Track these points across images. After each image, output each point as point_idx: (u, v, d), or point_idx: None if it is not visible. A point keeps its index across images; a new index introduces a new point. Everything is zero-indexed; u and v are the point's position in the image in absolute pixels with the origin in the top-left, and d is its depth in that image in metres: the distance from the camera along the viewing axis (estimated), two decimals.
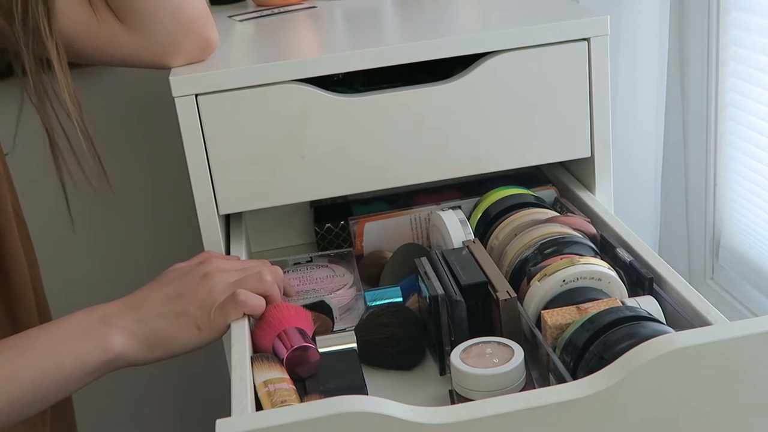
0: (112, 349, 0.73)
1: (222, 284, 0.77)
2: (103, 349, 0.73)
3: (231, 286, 0.77)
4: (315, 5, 1.17)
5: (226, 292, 0.76)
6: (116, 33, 0.87)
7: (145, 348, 0.75)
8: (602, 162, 0.97)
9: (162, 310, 0.76)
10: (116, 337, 0.74)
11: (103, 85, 1.34)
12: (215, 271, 0.78)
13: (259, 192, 0.92)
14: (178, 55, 0.89)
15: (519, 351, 0.69)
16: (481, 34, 0.91)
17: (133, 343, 0.74)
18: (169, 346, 0.75)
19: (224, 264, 0.80)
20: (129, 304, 0.76)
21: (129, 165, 1.39)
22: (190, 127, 0.88)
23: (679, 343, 0.56)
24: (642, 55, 1.33)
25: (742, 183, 1.36)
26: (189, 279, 0.78)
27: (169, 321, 0.75)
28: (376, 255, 0.99)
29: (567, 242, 0.81)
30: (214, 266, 0.79)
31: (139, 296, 0.78)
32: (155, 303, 0.76)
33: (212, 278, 0.77)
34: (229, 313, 0.75)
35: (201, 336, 0.75)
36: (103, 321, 0.75)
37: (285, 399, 0.69)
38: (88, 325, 0.74)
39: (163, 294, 0.77)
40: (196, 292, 0.76)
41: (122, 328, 0.74)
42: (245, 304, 0.76)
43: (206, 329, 0.75)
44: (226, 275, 0.78)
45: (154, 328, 0.75)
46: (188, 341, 0.76)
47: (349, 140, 0.92)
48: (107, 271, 1.45)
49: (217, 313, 0.75)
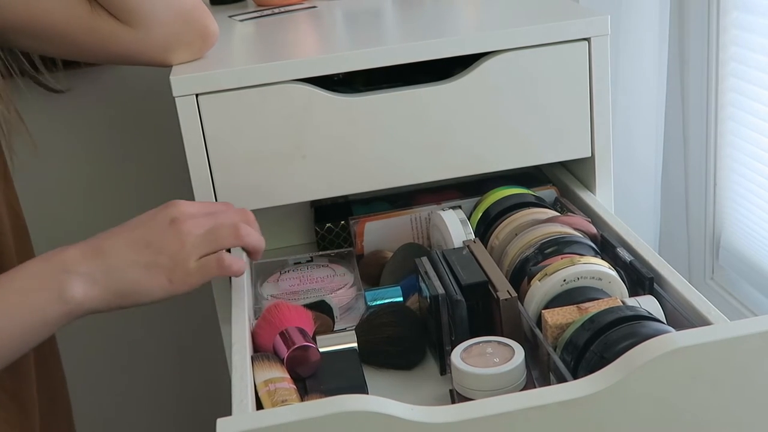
0: (72, 299, 0.70)
1: (194, 236, 0.74)
2: (63, 300, 0.70)
3: (205, 240, 0.74)
4: (315, 5, 1.17)
5: (201, 246, 0.74)
6: (115, 30, 0.86)
7: (110, 297, 0.72)
8: (602, 162, 0.97)
9: (130, 258, 0.72)
10: (77, 286, 0.70)
11: (103, 85, 1.34)
12: (183, 217, 0.75)
13: (259, 192, 0.92)
14: (179, 48, 0.89)
15: (519, 350, 0.69)
16: (481, 34, 0.91)
17: (96, 292, 0.71)
18: (137, 296, 0.73)
19: (190, 208, 0.77)
20: (91, 250, 0.72)
21: (129, 165, 1.39)
22: (190, 127, 0.88)
23: (679, 343, 0.56)
24: (642, 55, 1.33)
25: (742, 183, 1.36)
26: (155, 225, 0.74)
27: (139, 271, 0.72)
28: (377, 255, 0.99)
29: (567, 242, 0.81)
30: (180, 211, 0.75)
31: (101, 241, 0.73)
32: (121, 250, 0.72)
33: (182, 226, 0.74)
34: (210, 273, 0.74)
35: (172, 288, 0.73)
36: (63, 269, 0.71)
37: (285, 398, 0.69)
38: (46, 275, 0.71)
39: (128, 239, 0.73)
40: (166, 241, 0.73)
41: (85, 275, 0.71)
42: (230, 268, 0.74)
43: (179, 282, 0.73)
44: (195, 223, 0.75)
45: (122, 277, 0.71)
46: (157, 292, 0.73)
47: (349, 140, 0.92)
48: None
49: (195, 270, 0.73)
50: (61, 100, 1.33)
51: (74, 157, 1.37)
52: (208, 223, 0.76)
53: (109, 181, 1.40)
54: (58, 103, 1.33)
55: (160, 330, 1.50)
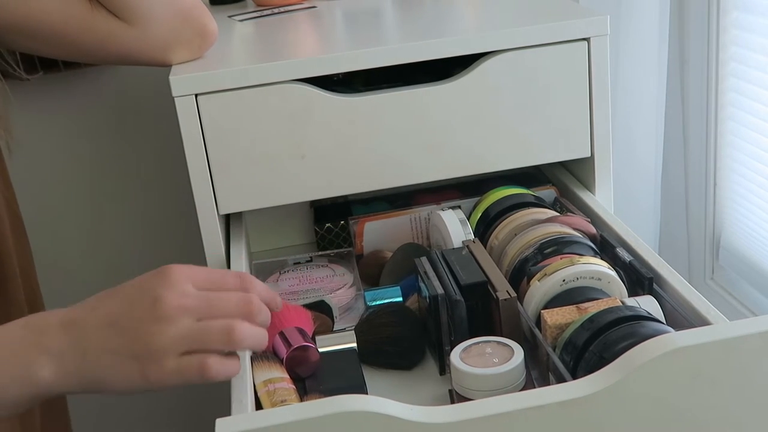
0: (41, 381, 0.61)
1: (177, 328, 0.61)
2: (31, 382, 0.61)
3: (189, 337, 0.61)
4: (315, 5, 1.17)
5: (184, 342, 0.61)
6: (114, 29, 0.86)
7: (80, 383, 0.62)
8: (602, 162, 0.97)
9: (103, 344, 0.62)
10: (46, 368, 0.61)
11: (103, 85, 1.34)
12: (172, 297, 0.62)
13: (259, 192, 0.92)
14: (178, 47, 0.89)
15: (519, 351, 0.69)
16: (481, 34, 0.91)
17: (65, 377, 0.62)
18: (108, 386, 0.63)
19: (184, 284, 0.63)
20: (70, 323, 0.63)
21: (129, 165, 1.39)
22: (190, 127, 0.88)
23: (679, 343, 0.56)
24: (642, 55, 1.33)
25: (742, 183, 1.36)
26: (138, 303, 0.62)
27: (111, 359, 0.61)
28: (376, 255, 0.99)
29: (567, 242, 0.81)
30: (170, 286, 0.62)
31: (83, 313, 0.64)
32: (97, 331, 0.62)
33: (166, 311, 0.61)
34: (189, 378, 0.62)
35: (146, 384, 0.62)
36: (37, 342, 0.62)
37: (285, 398, 0.69)
38: (20, 347, 0.62)
39: (106, 318, 0.62)
40: (144, 327, 0.61)
41: (57, 356, 0.62)
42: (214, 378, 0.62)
43: (155, 380, 0.61)
44: (184, 308, 0.62)
45: (94, 364, 0.62)
46: (128, 387, 0.62)
47: (349, 140, 0.92)
48: (106, 271, 1.45)
49: (172, 370, 0.61)
50: (61, 100, 1.34)
51: (74, 157, 1.37)
52: (200, 310, 0.62)
53: (108, 182, 1.40)
54: (58, 102, 1.33)
55: None
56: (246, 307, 0.64)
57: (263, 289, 0.68)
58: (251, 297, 0.65)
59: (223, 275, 0.67)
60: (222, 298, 0.64)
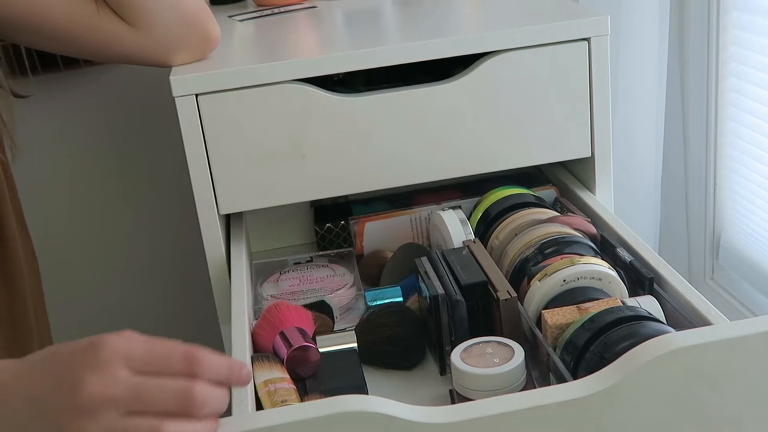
0: None
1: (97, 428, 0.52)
2: None
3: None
4: (315, 5, 1.17)
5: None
6: (118, 30, 0.87)
7: None
8: (602, 162, 0.97)
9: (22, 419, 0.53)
10: None
11: (103, 85, 1.34)
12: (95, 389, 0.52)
13: (259, 192, 0.92)
14: (181, 50, 0.89)
15: (519, 351, 0.69)
16: (481, 34, 0.91)
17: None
18: None
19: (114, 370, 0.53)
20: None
21: (129, 165, 1.39)
22: (190, 127, 0.88)
23: (679, 343, 0.56)
24: (642, 55, 1.33)
25: (742, 183, 1.36)
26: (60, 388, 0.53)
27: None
28: (376, 255, 0.99)
29: (567, 242, 0.81)
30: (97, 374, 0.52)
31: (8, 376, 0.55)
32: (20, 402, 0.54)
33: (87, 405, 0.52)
34: None
35: None
36: None
37: (285, 399, 0.69)
38: None
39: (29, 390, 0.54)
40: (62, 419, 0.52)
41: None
42: None
43: None
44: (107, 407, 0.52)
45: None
46: None
47: (349, 140, 0.92)
48: (106, 271, 1.45)
49: None
50: (61, 100, 1.33)
51: (74, 156, 1.37)
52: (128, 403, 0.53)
53: (108, 181, 1.40)
54: (58, 102, 1.33)
55: (160, 330, 1.49)
56: (184, 402, 0.53)
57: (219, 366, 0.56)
58: (193, 388, 0.54)
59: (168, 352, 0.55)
60: (157, 388, 0.53)
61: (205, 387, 0.54)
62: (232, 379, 0.57)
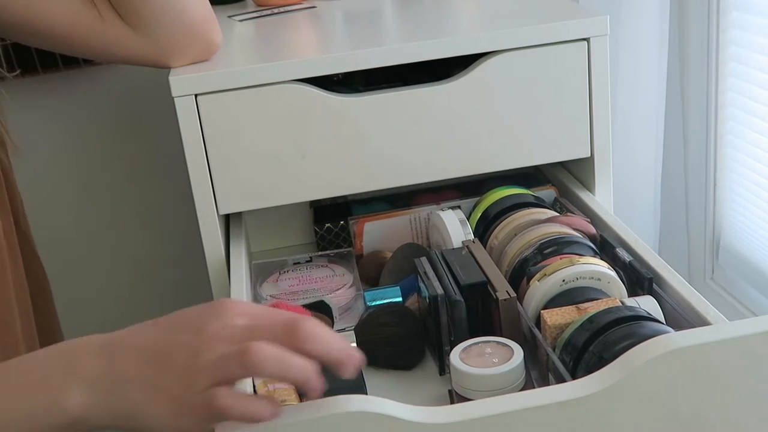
0: (72, 410, 0.56)
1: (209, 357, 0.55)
2: (62, 410, 0.56)
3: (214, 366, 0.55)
4: (315, 5, 1.17)
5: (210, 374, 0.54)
6: (121, 34, 0.87)
7: (106, 413, 0.57)
8: (602, 162, 0.97)
9: (137, 373, 0.57)
10: (77, 395, 0.56)
11: (103, 85, 1.34)
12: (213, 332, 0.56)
13: (259, 192, 0.92)
14: (182, 56, 0.90)
15: (518, 351, 0.69)
16: (481, 34, 0.91)
17: (96, 407, 0.57)
18: (139, 421, 0.57)
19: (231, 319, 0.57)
20: (108, 349, 0.58)
21: (129, 164, 1.39)
22: (189, 127, 0.88)
23: (678, 343, 0.56)
24: (642, 55, 1.33)
25: (742, 183, 1.36)
26: (179, 334, 0.57)
27: (142, 391, 0.56)
28: (376, 255, 0.99)
29: (567, 242, 0.81)
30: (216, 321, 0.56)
31: (121, 335, 0.59)
32: (132, 354, 0.57)
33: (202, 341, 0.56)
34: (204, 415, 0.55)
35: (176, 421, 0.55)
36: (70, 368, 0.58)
37: (285, 399, 0.69)
38: (51, 372, 0.58)
39: (144, 342, 0.58)
40: (178, 355, 0.56)
41: (88, 384, 0.57)
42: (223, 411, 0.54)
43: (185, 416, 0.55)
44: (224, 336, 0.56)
45: (124, 394, 0.56)
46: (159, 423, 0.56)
47: (349, 140, 0.92)
48: (105, 271, 1.45)
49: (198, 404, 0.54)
50: (61, 100, 1.34)
51: (73, 156, 1.37)
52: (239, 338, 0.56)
53: (108, 181, 1.40)
54: (58, 102, 1.33)
55: None
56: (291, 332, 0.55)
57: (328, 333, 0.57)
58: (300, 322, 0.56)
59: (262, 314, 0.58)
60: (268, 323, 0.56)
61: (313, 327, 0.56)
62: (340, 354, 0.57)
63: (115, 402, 0.56)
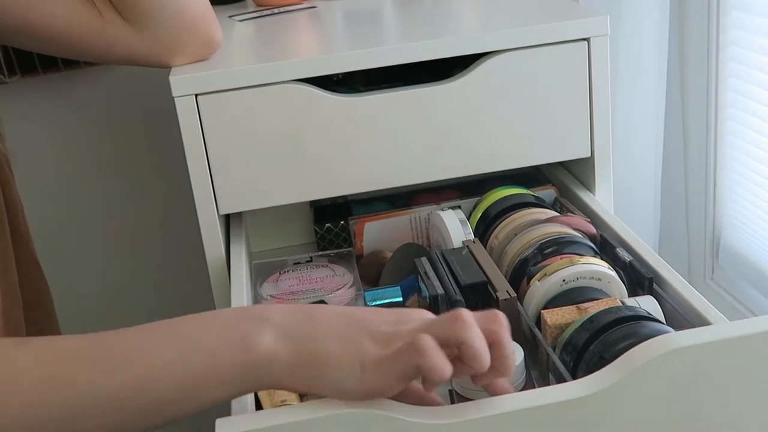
0: (256, 345, 0.56)
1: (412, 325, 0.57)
2: (246, 346, 0.56)
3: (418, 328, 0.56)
4: (315, 5, 1.17)
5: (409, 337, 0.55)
6: (121, 32, 0.87)
7: (296, 359, 0.56)
8: (602, 162, 0.97)
9: (332, 326, 0.57)
10: (266, 334, 0.56)
11: (103, 85, 1.34)
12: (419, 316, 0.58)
13: (259, 192, 0.92)
14: (183, 53, 0.90)
15: (519, 351, 0.69)
16: (481, 34, 0.91)
17: (283, 347, 0.56)
18: (321, 372, 0.56)
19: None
20: (300, 309, 0.60)
21: (129, 165, 1.39)
22: (190, 127, 0.88)
23: (678, 343, 0.56)
24: (642, 55, 1.33)
25: (742, 183, 1.36)
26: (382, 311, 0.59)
27: (333, 342, 0.56)
28: (376, 255, 0.99)
29: (567, 242, 0.81)
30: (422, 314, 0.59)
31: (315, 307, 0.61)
32: (331, 314, 0.59)
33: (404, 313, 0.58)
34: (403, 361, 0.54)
35: (360, 377, 0.55)
36: (260, 315, 0.58)
37: (285, 399, 0.69)
38: (240, 318, 0.58)
39: (344, 310, 0.60)
40: (379, 322, 0.57)
41: (279, 327, 0.57)
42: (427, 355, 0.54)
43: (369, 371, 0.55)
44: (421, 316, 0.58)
45: (316, 342, 0.56)
46: (342, 377, 0.55)
47: (349, 140, 0.92)
48: (105, 271, 1.45)
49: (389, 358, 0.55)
50: (61, 101, 1.33)
51: (74, 156, 1.37)
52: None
53: (108, 182, 1.40)
54: (58, 102, 1.33)
55: None
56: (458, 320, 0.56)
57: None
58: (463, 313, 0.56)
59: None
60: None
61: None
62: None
63: (306, 348, 0.56)
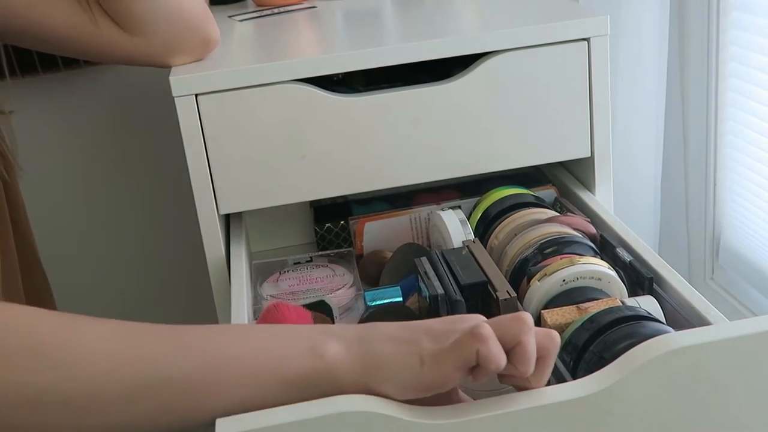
0: (321, 355, 0.59)
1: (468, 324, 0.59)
2: (315, 354, 0.59)
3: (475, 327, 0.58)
4: (315, 5, 1.17)
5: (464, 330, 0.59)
6: (116, 38, 0.87)
7: (359, 366, 0.59)
8: (602, 162, 0.97)
9: (390, 333, 0.61)
10: (331, 344, 0.60)
11: (103, 85, 1.34)
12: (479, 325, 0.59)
13: (259, 192, 0.92)
14: (180, 53, 0.90)
15: None
16: (481, 34, 0.91)
17: (347, 356, 0.59)
18: (383, 373, 0.59)
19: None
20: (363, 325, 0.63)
21: (129, 164, 1.40)
22: (190, 127, 0.88)
23: (678, 343, 0.56)
24: (642, 55, 1.33)
25: (742, 183, 1.36)
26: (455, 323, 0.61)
27: (392, 345, 0.59)
28: (376, 255, 0.99)
29: (567, 242, 0.81)
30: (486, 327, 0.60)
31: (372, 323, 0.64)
32: (386, 326, 0.62)
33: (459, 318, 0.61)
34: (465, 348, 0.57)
35: (421, 371, 0.57)
36: (322, 330, 0.62)
37: None
38: (304, 331, 0.62)
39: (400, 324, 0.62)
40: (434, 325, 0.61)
41: (340, 337, 0.60)
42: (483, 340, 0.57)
43: (428, 365, 0.57)
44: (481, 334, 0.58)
45: (375, 348, 0.60)
46: (404, 374, 0.58)
47: (349, 140, 0.92)
48: (105, 271, 1.45)
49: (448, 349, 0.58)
50: (61, 100, 1.34)
51: (74, 156, 1.37)
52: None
53: (108, 181, 1.40)
54: (59, 102, 1.33)
55: None
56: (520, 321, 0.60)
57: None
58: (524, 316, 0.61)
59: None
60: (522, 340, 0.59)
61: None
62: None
63: (368, 353, 0.59)
